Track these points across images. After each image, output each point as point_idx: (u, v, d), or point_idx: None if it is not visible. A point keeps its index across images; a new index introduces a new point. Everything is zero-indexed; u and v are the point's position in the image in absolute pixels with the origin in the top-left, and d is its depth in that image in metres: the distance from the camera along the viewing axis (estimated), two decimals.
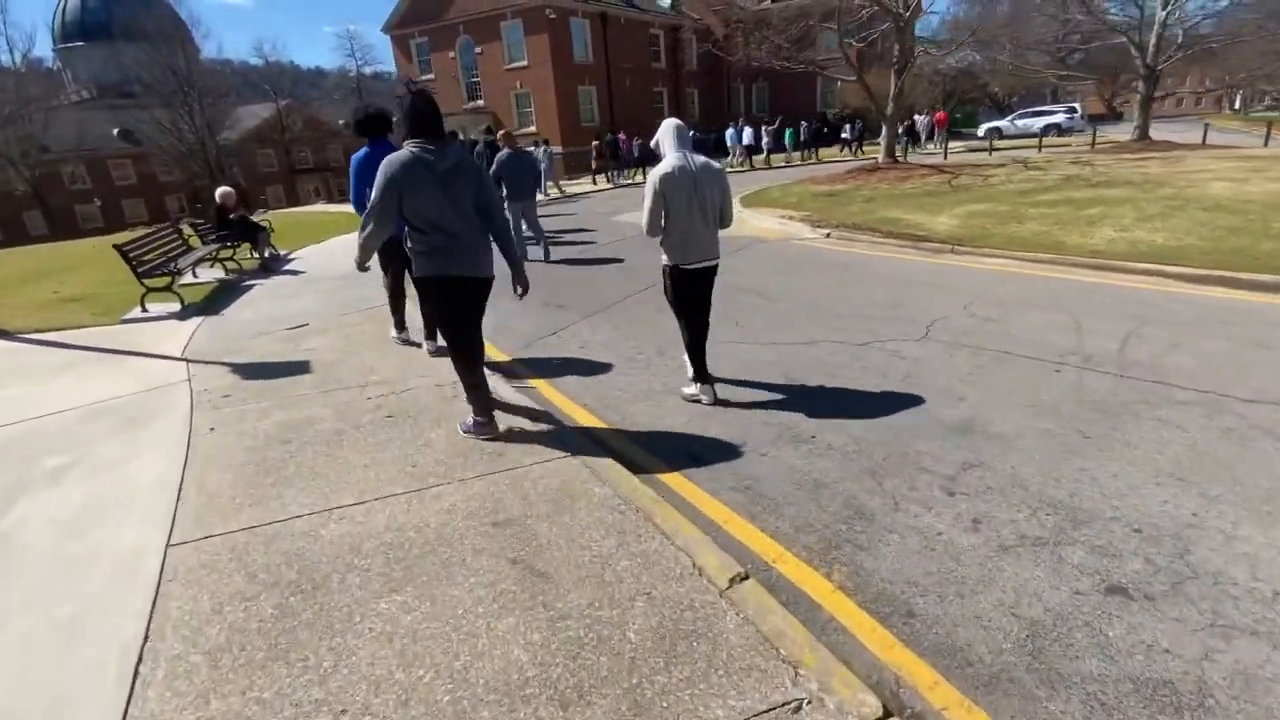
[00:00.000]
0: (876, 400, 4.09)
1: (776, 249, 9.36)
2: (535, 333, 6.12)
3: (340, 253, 11.16)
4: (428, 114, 3.35)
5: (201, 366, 5.37)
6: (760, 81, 43.76)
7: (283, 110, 52.58)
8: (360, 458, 3.60)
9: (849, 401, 4.10)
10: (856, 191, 13.96)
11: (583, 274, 8.59)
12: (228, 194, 9.70)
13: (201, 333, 6.47)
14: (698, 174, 3.74)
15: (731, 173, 25.00)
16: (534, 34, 30.84)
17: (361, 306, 7.12)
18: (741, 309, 6.33)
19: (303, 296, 7.92)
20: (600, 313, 6.61)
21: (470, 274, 3.50)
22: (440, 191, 3.33)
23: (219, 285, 8.70)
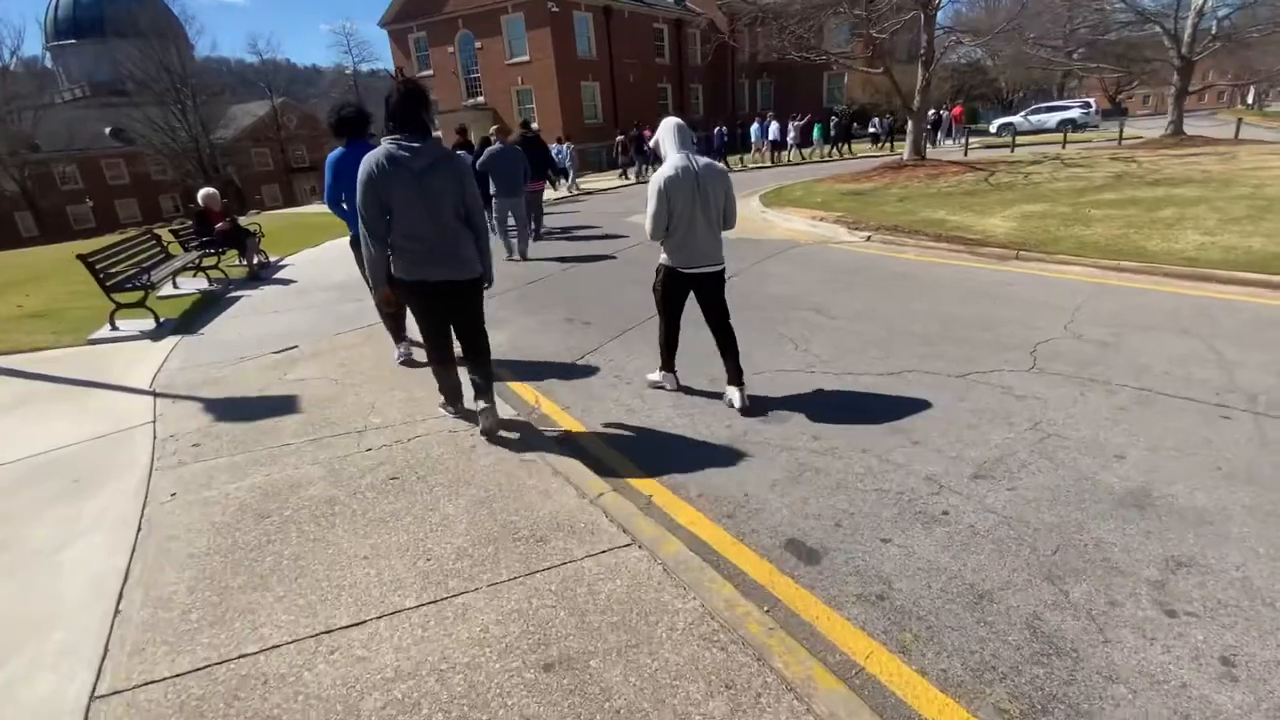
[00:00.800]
0: (1010, 457, 3.25)
1: (816, 254, 8.52)
2: (560, 356, 5.28)
3: (336, 258, 10.30)
4: (408, 106, 3.22)
5: (171, 403, 4.53)
6: (765, 77, 42.94)
7: (278, 108, 51.67)
8: (358, 544, 2.76)
9: (974, 458, 3.26)
10: (886, 190, 13.12)
11: (603, 283, 7.75)
12: (211, 196, 8.84)
13: (176, 357, 5.62)
14: (701, 175, 3.62)
15: (756, 169, 24.89)
16: (536, 28, 29.93)
17: (358, 323, 6.28)
18: (798, 328, 5.50)
19: (293, 311, 7.07)
20: (632, 330, 5.77)
21: (447, 278, 3.42)
22: (417, 191, 3.21)
23: (201, 297, 7.85)
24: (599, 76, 32.62)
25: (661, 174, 3.63)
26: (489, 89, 32.65)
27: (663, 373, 4.36)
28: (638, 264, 8.39)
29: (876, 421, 3.72)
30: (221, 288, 8.21)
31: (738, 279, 7.31)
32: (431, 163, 3.23)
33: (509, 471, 3.32)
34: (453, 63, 33.39)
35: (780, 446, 3.51)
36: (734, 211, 3.89)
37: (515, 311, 6.73)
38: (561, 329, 6.02)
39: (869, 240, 9.08)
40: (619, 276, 7.90)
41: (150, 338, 6.23)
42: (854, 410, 3.89)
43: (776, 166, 24.85)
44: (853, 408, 3.93)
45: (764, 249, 8.98)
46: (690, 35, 38.55)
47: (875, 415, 3.80)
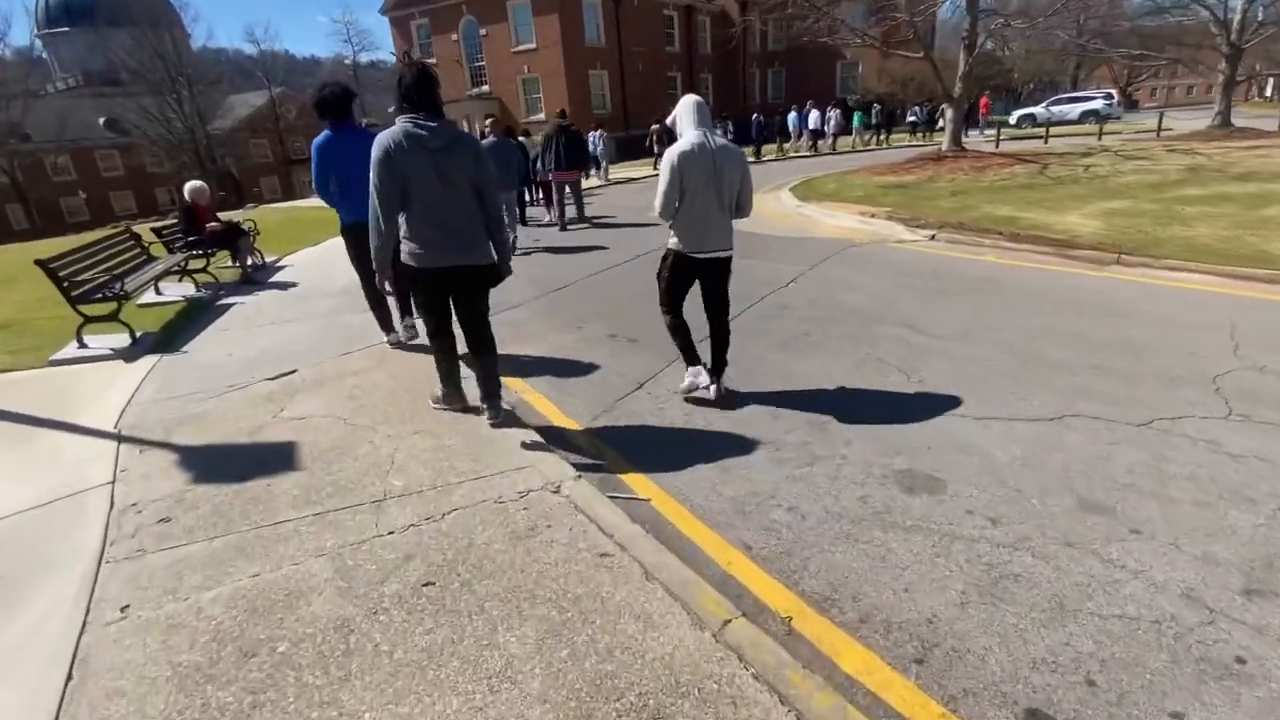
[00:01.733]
0: (1270, 564, 2.35)
1: (879, 255, 7.59)
2: (615, 386, 4.37)
3: (340, 259, 9.36)
4: (423, 86, 3.13)
5: (138, 452, 3.63)
6: (776, 66, 41.86)
7: (277, 98, 50.55)
8: (383, 715, 1.86)
9: (1230, 559, 2.36)
10: (931, 183, 12.18)
11: (641, 286, 6.82)
12: (199, 190, 7.89)
13: (151, 383, 4.72)
14: (718, 155, 3.46)
15: (798, 158, 23.88)
16: (543, 14, 28.87)
17: (369, 339, 5.37)
18: (896, 350, 4.59)
19: (292, 323, 6.16)
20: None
21: (463, 263, 3.32)
22: (434, 172, 3.13)
23: (186, 306, 6.92)
24: (607, 65, 31.57)
25: (676, 149, 3.46)
26: (494, 78, 31.60)
27: (691, 369, 3.96)
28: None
29: (1058, 495, 2.82)
30: (211, 294, 7.29)
31: (798, 285, 6.39)
32: (448, 142, 3.15)
33: (584, 574, 2.42)
34: (456, 51, 32.33)
35: (949, 533, 2.61)
36: (749, 198, 3.68)
37: (548, 325, 5.82)
38: (606, 348, 5.11)
39: (933, 239, 8.16)
40: None
41: (124, 357, 5.32)
42: (1021, 478, 2.98)
43: (817, 156, 24.08)
44: (1017, 473, 3.03)
45: (815, 249, 8.05)
46: (700, 23, 37.48)
47: (1052, 486, 2.89)
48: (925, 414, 3.64)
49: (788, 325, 5.25)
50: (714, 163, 3.45)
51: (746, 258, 7.86)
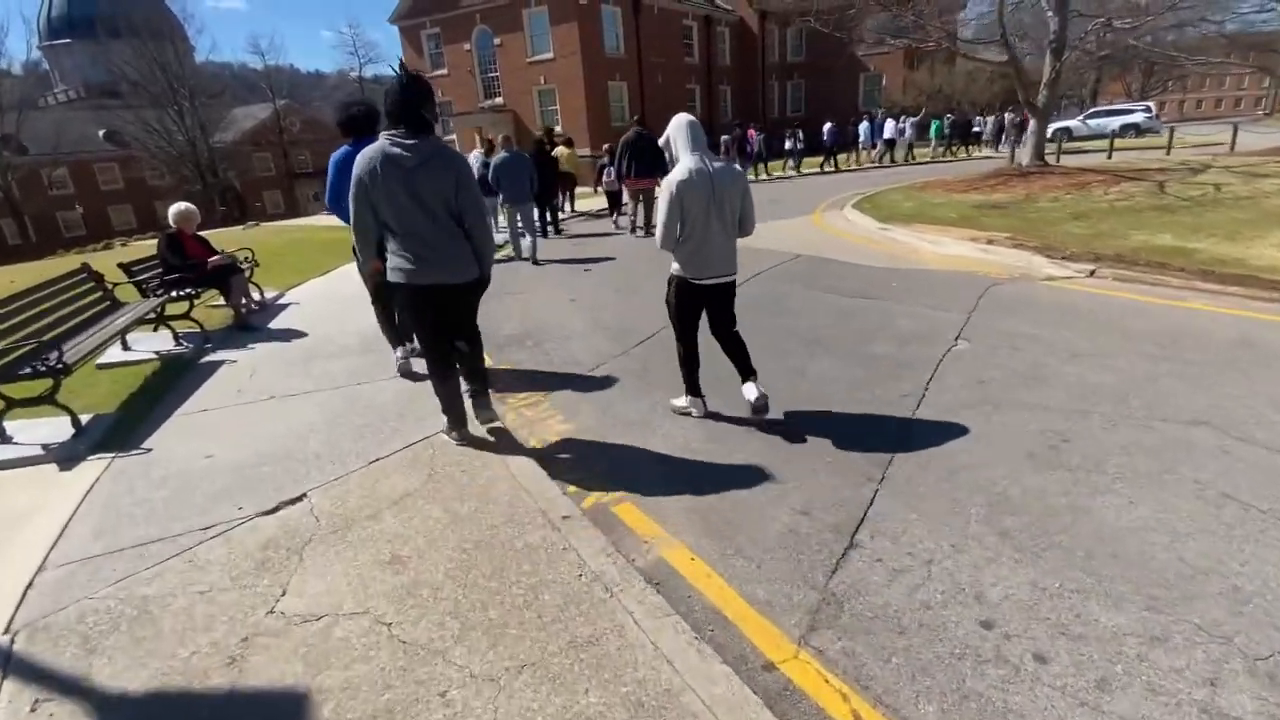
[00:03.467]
0: None
1: (1045, 299, 5.96)
2: (801, 534, 2.75)
3: (355, 293, 7.81)
4: (406, 100, 3.06)
5: (26, 714, 2.01)
6: (795, 78, 40.61)
7: (280, 111, 49.44)
8: None
9: None
10: (1032, 203, 10.62)
11: (765, 340, 5.23)
12: (184, 214, 6.28)
13: (86, 520, 3.11)
14: (716, 178, 3.37)
15: (871, 169, 22.52)
16: (561, 23, 27.51)
17: (407, 429, 3.78)
18: (1240, 473, 2.95)
19: (298, 397, 4.56)
20: (910, 467, 3.25)
21: (442, 282, 3.26)
22: (405, 190, 3.07)
23: (160, 367, 5.32)
24: (627, 76, 30.20)
25: (673, 178, 3.37)
26: (508, 89, 30.24)
27: (689, 398, 3.97)
28: (780, 304, 5.89)
29: None
30: (193, 348, 5.69)
31: (972, 347, 4.75)
32: (424, 160, 3.07)
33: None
34: (469, 61, 31.00)
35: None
36: (751, 216, 3.60)
37: (653, 403, 4.20)
38: (755, 444, 3.50)
39: (1093, 275, 6.57)
40: (773, 327, 5.38)
41: (58, 460, 3.72)
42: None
43: (893, 167, 23.02)
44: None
45: (947, 286, 6.46)
46: (719, 34, 36.22)
47: None
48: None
49: (1013, 422, 3.63)
50: (713, 187, 3.37)
51: (864, 297, 6.29)
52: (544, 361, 5.25)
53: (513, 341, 5.80)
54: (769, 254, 8.81)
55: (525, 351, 5.52)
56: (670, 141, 3.49)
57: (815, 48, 38.98)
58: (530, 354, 5.44)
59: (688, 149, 3.40)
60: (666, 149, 3.54)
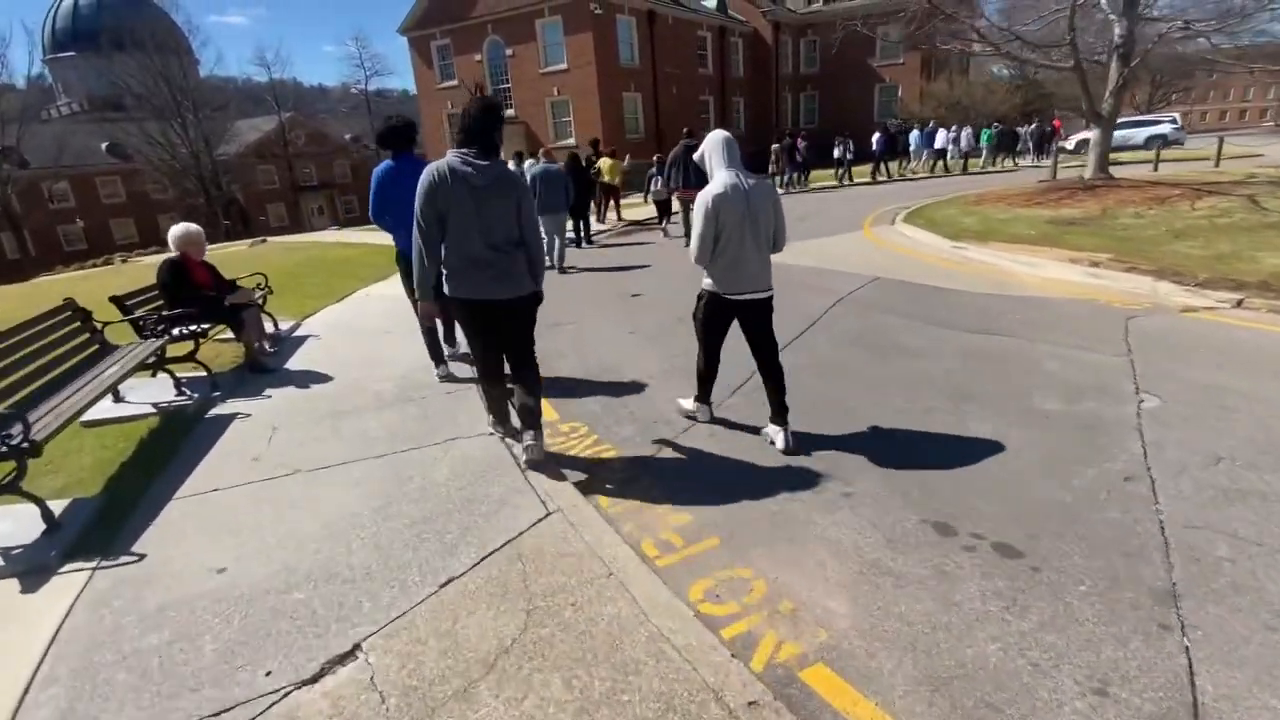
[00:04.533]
0: None
1: (1215, 339, 5.03)
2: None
3: (384, 323, 6.89)
4: (479, 122, 3.16)
5: None
6: (809, 90, 40.01)
7: (285, 123, 48.84)
8: None
9: None
10: (1112, 219, 9.73)
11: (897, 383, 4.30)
12: (190, 237, 5.34)
13: (50, 693, 2.17)
14: (751, 194, 3.39)
15: (924, 179, 21.84)
16: (576, 33, 26.83)
17: (473, 525, 2.85)
18: None
19: (329, 473, 3.62)
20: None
21: (499, 296, 3.33)
22: (474, 207, 3.17)
23: (158, 426, 4.39)
24: (641, 87, 29.52)
25: (709, 192, 3.39)
26: (520, 100, 29.53)
27: (696, 404, 4.03)
28: (891, 340, 4.95)
29: None
30: (199, 398, 4.76)
31: (1175, 408, 3.81)
32: (492, 181, 3.18)
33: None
34: (480, 73, 30.33)
35: None
36: (784, 233, 3.60)
37: (781, 484, 3.26)
38: (969, 561, 2.57)
39: (1239, 306, 5.67)
40: (900, 374, 4.47)
41: (21, 571, 2.79)
42: None
43: (946, 177, 22.50)
44: None
45: (1073, 318, 5.55)
46: (733, 45, 35.61)
47: None
48: None
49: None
50: (748, 203, 3.38)
51: (986, 332, 5.37)
52: (623, 415, 4.32)
53: (578, 387, 4.88)
54: (840, 275, 7.91)
55: (597, 402, 4.59)
56: (706, 157, 3.52)
57: (829, 59, 38.31)
58: (604, 406, 4.51)
59: (723, 164, 3.43)
60: (703, 164, 3.57)
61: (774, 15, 36.52)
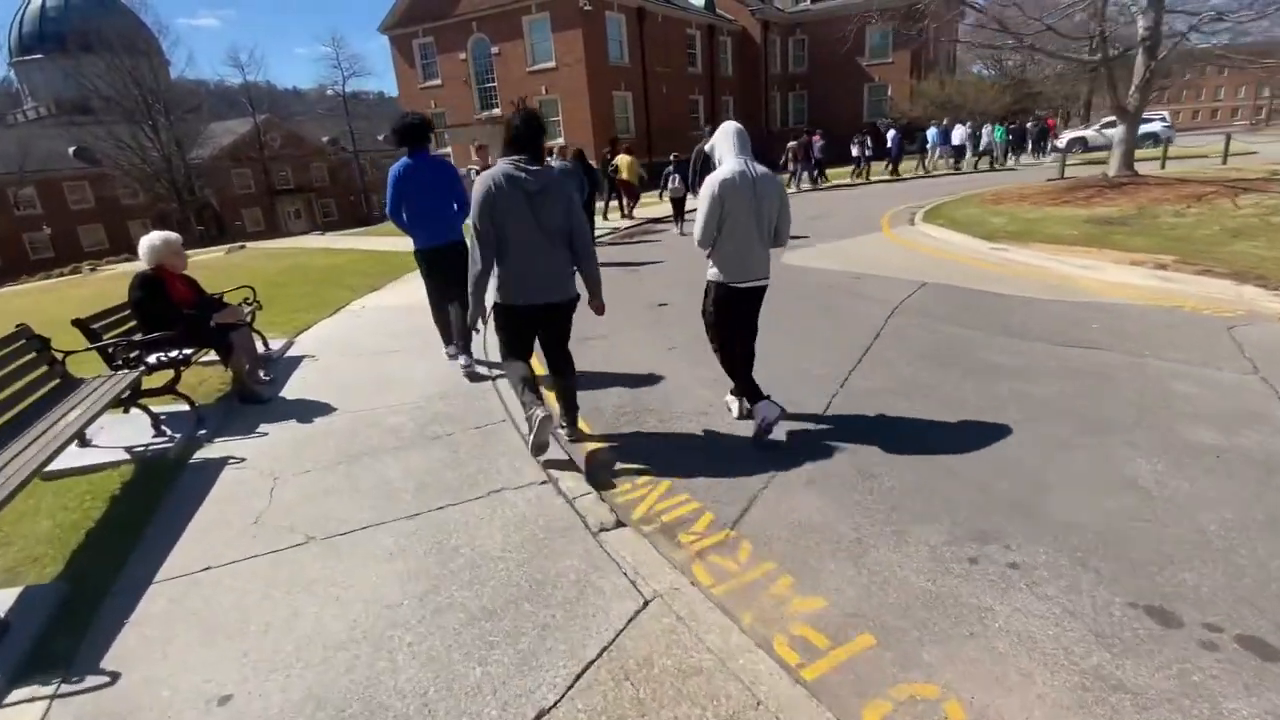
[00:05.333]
0: None
1: None
2: None
3: (383, 347, 6.16)
4: (528, 131, 3.28)
5: None
6: (798, 89, 39.69)
7: (261, 125, 47.45)
8: None
9: None
10: (1152, 218, 9.26)
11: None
12: (164, 247, 4.54)
13: None
14: (758, 183, 3.40)
15: (939, 176, 21.61)
16: (564, 30, 26.12)
17: (563, 619, 2.16)
18: None
19: (351, 542, 2.92)
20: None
21: (551, 300, 3.45)
22: (529, 212, 3.26)
23: (130, 477, 3.65)
24: (631, 86, 28.89)
25: (716, 177, 3.41)
26: (507, 99, 28.72)
27: (734, 397, 3.97)
28: (978, 356, 4.35)
29: None
30: (182, 439, 4.02)
31: None
32: (544, 186, 3.27)
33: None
34: (464, 71, 29.50)
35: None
36: (787, 227, 3.60)
37: (920, 549, 2.63)
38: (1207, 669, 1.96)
39: None
40: (1011, 397, 3.87)
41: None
42: None
43: (961, 174, 22.22)
44: None
45: (1172, 334, 5.00)
46: (721, 43, 35.13)
47: None
48: None
49: None
50: (754, 191, 3.39)
51: (1080, 346, 4.78)
52: (692, 455, 3.66)
53: (625, 418, 4.21)
54: (883, 281, 7.32)
55: (656, 438, 3.93)
56: (716, 145, 3.53)
57: (817, 58, 38.11)
58: (667, 443, 3.85)
59: (733, 152, 3.44)
60: (713, 153, 3.56)
61: (762, 14, 36.12)
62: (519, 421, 4.08)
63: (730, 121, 3.65)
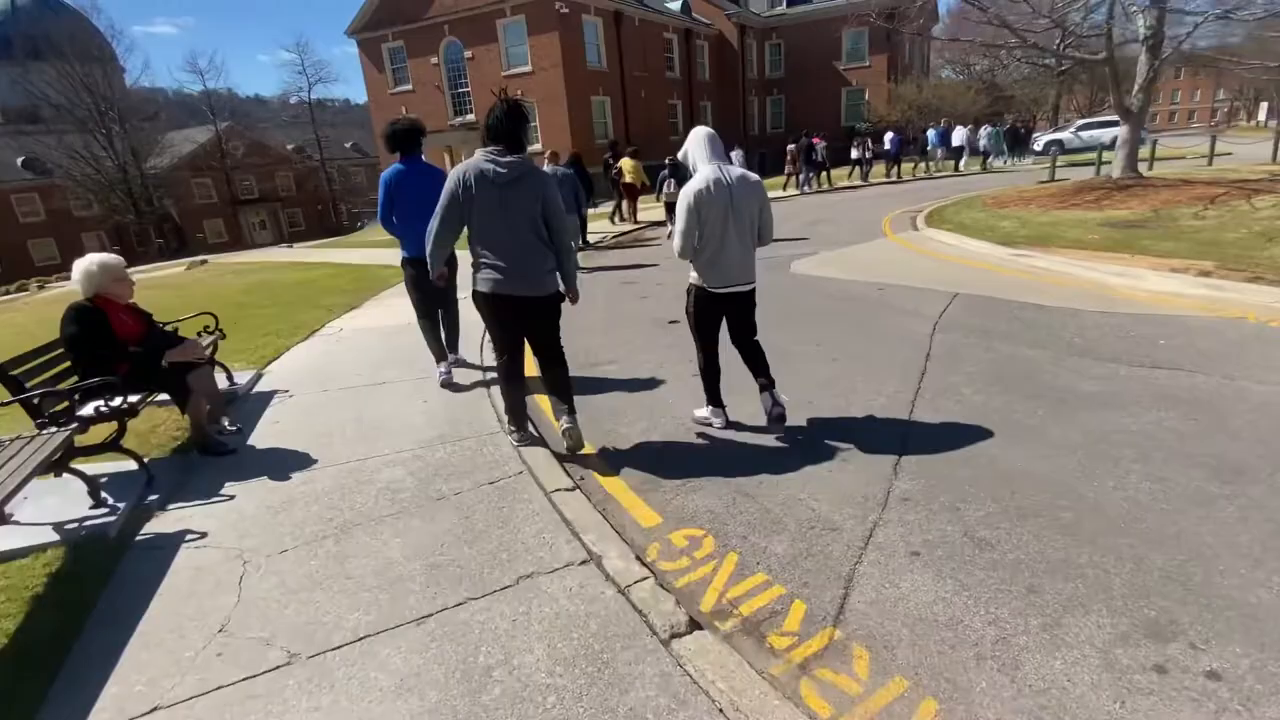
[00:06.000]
0: None
1: None
2: None
3: (370, 369, 5.44)
4: (505, 123, 3.25)
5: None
6: (775, 93, 39.55)
7: (222, 133, 45.92)
8: None
9: None
10: (1170, 221, 8.92)
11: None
12: (107, 272, 3.76)
13: None
14: (734, 188, 3.38)
15: (942, 178, 21.42)
16: (541, 33, 25.46)
17: None
18: None
19: (344, 660, 2.24)
20: None
21: (528, 294, 3.38)
22: (497, 205, 3.25)
23: (58, 567, 2.90)
24: (610, 91, 28.34)
25: (691, 187, 3.40)
26: (481, 105, 27.91)
27: (710, 408, 3.88)
28: (1051, 383, 3.81)
29: None
30: (125, 510, 3.28)
31: None
32: (517, 177, 3.23)
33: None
34: (437, 76, 28.66)
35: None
36: (770, 227, 3.58)
37: (1070, 659, 2.05)
38: None
39: None
40: (1120, 438, 3.34)
41: None
42: None
43: (958, 176, 22.07)
44: None
45: (1249, 354, 4.54)
46: (698, 47, 34.80)
47: None
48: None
49: None
50: (731, 196, 3.37)
51: (1160, 366, 4.24)
52: (755, 515, 3.04)
53: (661, 463, 3.58)
54: (911, 292, 6.81)
55: (705, 491, 3.30)
56: (689, 153, 3.50)
57: (794, 62, 38.04)
58: (719, 498, 3.23)
59: (706, 159, 3.42)
60: (684, 159, 3.55)
61: (739, 18, 35.89)
62: (540, 474, 3.44)
63: (701, 127, 3.62)
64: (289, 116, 62.12)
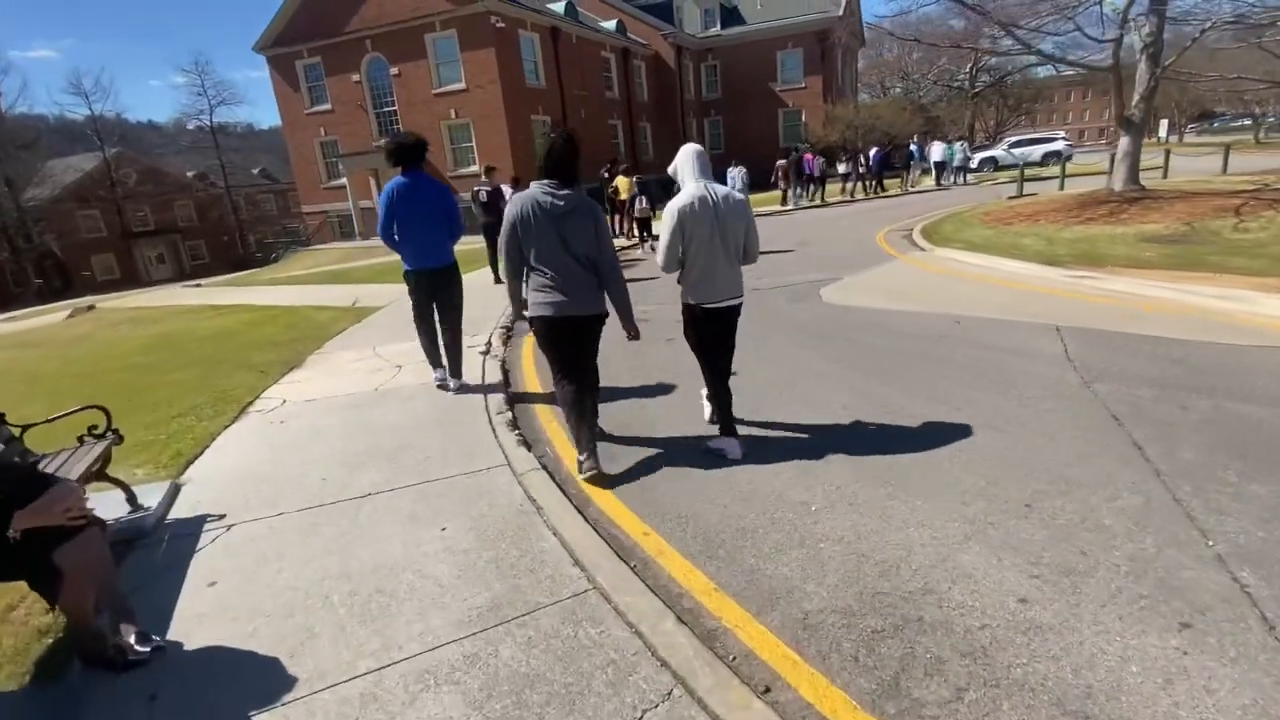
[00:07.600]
0: None
1: None
2: None
3: (342, 460, 3.79)
4: (559, 158, 3.36)
5: None
6: (713, 115, 39.28)
7: (111, 160, 41.67)
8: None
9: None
10: (1216, 235, 8.33)
11: None
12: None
13: None
14: (720, 206, 3.45)
15: (929, 192, 21.09)
16: (475, 49, 23.83)
17: None
18: None
19: None
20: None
21: (579, 313, 3.48)
22: (554, 234, 3.36)
23: None
24: (550, 110, 26.97)
25: (676, 203, 3.48)
26: (410, 124, 25.90)
27: (725, 439, 3.73)
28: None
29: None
30: None
31: None
32: (571, 209, 3.36)
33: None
34: (359, 94, 26.52)
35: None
36: (755, 245, 3.64)
37: None
38: None
39: None
40: None
41: None
42: None
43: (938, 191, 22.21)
44: None
45: None
46: (636, 68, 34.05)
47: None
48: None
49: None
50: (716, 215, 3.43)
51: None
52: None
53: (708, 538, 2.22)
54: (992, 325, 5.74)
55: (749, 554, 1.95)
56: (677, 169, 3.57)
57: (731, 85, 37.89)
58: (758, 559, 1.89)
59: (693, 176, 3.48)
60: (672, 176, 3.63)
61: (674, 38, 35.42)
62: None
63: (690, 144, 3.66)
64: (187, 142, 57.02)
